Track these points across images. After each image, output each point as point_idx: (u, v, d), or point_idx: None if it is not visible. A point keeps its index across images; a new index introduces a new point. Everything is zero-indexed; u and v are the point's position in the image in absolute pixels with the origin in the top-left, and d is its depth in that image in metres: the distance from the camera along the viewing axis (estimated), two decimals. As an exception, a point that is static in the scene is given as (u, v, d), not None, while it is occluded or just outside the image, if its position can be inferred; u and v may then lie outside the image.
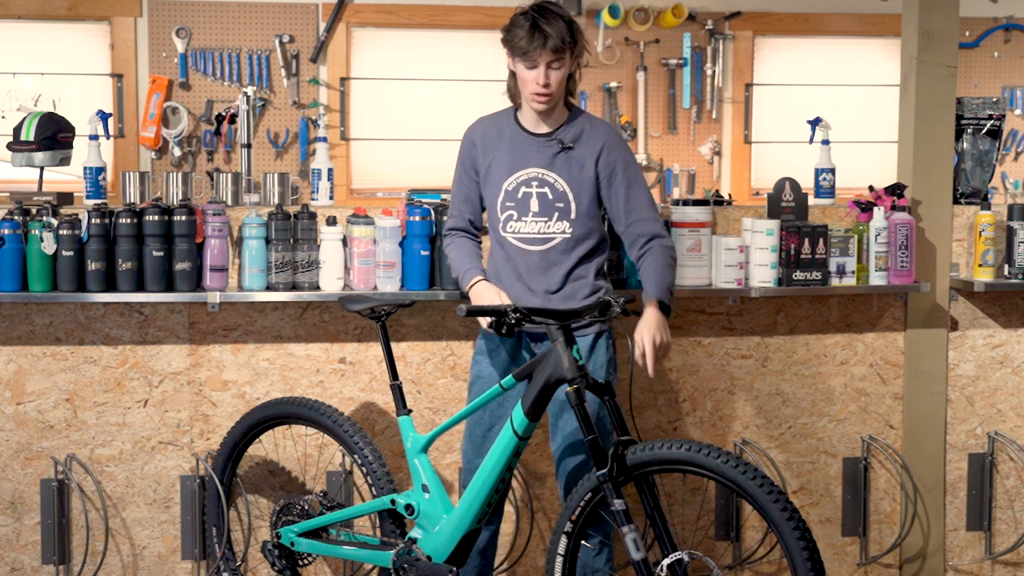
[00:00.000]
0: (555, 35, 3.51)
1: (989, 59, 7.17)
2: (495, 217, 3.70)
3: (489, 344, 3.74)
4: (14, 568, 4.13)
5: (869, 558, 4.50)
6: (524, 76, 3.59)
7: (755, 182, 7.06)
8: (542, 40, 3.51)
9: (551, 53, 3.52)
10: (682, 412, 4.37)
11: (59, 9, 6.43)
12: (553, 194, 3.64)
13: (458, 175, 3.78)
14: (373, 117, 6.71)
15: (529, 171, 3.66)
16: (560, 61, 3.55)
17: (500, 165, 3.68)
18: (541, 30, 3.51)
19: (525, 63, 3.56)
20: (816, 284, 4.23)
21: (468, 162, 3.75)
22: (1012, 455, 4.54)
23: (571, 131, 3.66)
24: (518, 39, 3.55)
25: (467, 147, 3.76)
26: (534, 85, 3.56)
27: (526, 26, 3.53)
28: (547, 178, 3.65)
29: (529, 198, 3.65)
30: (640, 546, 3.23)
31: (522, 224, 3.66)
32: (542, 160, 3.65)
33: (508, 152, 3.68)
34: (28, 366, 4.09)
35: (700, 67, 6.93)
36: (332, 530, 3.86)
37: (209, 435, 4.17)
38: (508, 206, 3.67)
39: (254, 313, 4.16)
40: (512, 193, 3.66)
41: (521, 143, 3.67)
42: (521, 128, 3.69)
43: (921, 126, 4.44)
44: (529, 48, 3.52)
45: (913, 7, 4.43)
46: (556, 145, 3.64)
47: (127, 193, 4.42)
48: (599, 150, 3.65)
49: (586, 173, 3.64)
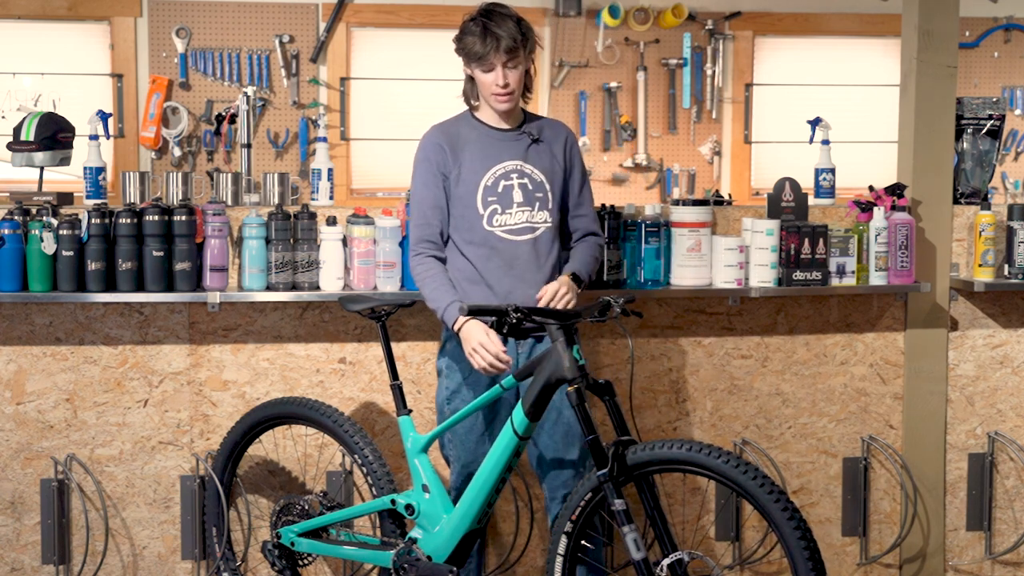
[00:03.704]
0: (507, 36, 3.59)
1: (989, 59, 7.17)
2: (474, 214, 3.66)
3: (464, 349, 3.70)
4: (14, 568, 4.13)
5: (869, 558, 4.50)
6: (483, 80, 3.66)
7: (755, 182, 7.06)
8: (495, 43, 3.59)
9: (505, 54, 3.60)
10: (682, 412, 4.37)
11: (59, 9, 6.43)
12: (532, 184, 3.70)
13: (423, 180, 3.71)
14: (373, 117, 6.71)
15: (506, 164, 3.69)
16: (515, 60, 3.63)
17: (473, 163, 3.68)
18: (492, 33, 3.59)
19: (481, 67, 3.64)
20: (816, 284, 4.23)
21: (435, 167, 3.70)
22: (1012, 455, 4.54)
23: (534, 126, 3.77)
24: (471, 45, 3.63)
25: (432, 152, 3.71)
26: (494, 87, 3.64)
27: (477, 31, 3.62)
28: (525, 169, 3.70)
29: (511, 190, 3.68)
30: (640, 546, 3.23)
31: (508, 216, 3.67)
32: (516, 153, 3.70)
33: (479, 149, 3.70)
34: (28, 366, 4.09)
35: (700, 67, 6.93)
36: (332, 530, 3.86)
37: (209, 435, 4.17)
38: (490, 201, 3.67)
39: (254, 313, 4.16)
40: (492, 188, 3.67)
41: (491, 139, 3.71)
42: (486, 126, 3.73)
43: (921, 126, 4.44)
44: (483, 52, 3.60)
45: (913, 7, 4.43)
46: (526, 138, 3.73)
47: (127, 193, 4.42)
48: (565, 141, 3.79)
49: (557, 162, 3.74)
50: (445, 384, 3.74)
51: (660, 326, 4.33)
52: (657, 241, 4.15)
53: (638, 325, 4.27)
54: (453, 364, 3.71)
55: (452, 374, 3.72)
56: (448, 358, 3.73)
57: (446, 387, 3.74)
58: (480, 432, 3.70)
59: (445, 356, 3.75)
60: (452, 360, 3.72)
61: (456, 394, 3.71)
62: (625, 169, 6.90)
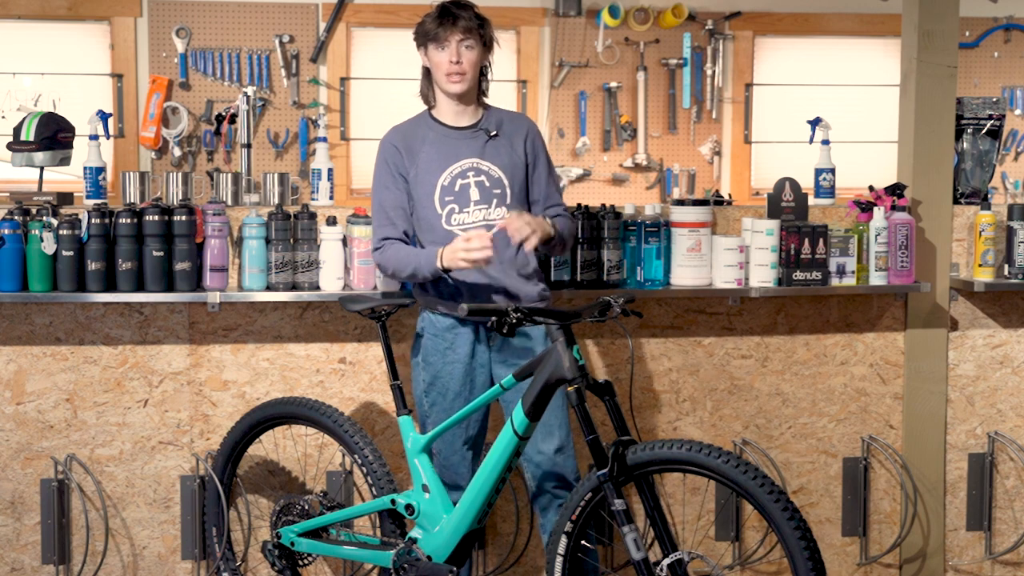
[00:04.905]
0: (465, 16, 3.66)
1: (989, 59, 7.18)
2: (433, 215, 3.68)
3: (441, 343, 3.71)
4: (14, 568, 4.13)
5: (869, 558, 4.50)
6: (437, 60, 3.69)
7: (755, 182, 7.06)
8: (451, 20, 3.66)
9: (461, 32, 3.65)
10: (682, 412, 4.37)
11: (59, 9, 6.43)
12: (489, 181, 3.70)
13: (383, 183, 3.73)
14: (373, 117, 6.71)
15: (463, 163, 3.70)
16: (470, 40, 3.67)
17: (430, 163, 3.70)
18: (450, 12, 3.67)
19: (436, 46, 3.69)
20: (816, 284, 4.23)
21: (393, 168, 3.72)
22: (1012, 455, 4.54)
23: (491, 121, 3.77)
24: (428, 25, 3.70)
25: (390, 154, 3.73)
26: (447, 65, 3.67)
27: (434, 13, 3.70)
28: (481, 167, 3.71)
29: (468, 188, 3.69)
30: (640, 546, 3.23)
31: (465, 215, 3.68)
32: (473, 150, 3.72)
33: (436, 149, 3.71)
34: (28, 366, 4.09)
35: (700, 67, 6.93)
36: (332, 530, 3.86)
37: (209, 435, 4.17)
38: (447, 200, 3.68)
39: (254, 313, 4.16)
40: (449, 187, 3.68)
41: (447, 138, 3.73)
42: (443, 125, 3.75)
43: (921, 126, 4.44)
44: (439, 30, 3.66)
45: (913, 7, 4.43)
46: (483, 135, 3.74)
47: (127, 193, 4.42)
48: (525, 134, 3.78)
49: (517, 156, 3.74)
50: (421, 376, 3.77)
51: (660, 326, 4.33)
52: (657, 241, 4.16)
53: (638, 325, 4.27)
54: (427, 357, 3.74)
55: (427, 366, 3.75)
56: (422, 352, 3.76)
57: (422, 379, 3.76)
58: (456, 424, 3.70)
59: (419, 351, 3.77)
60: (426, 354, 3.75)
61: (432, 386, 3.74)
62: (625, 169, 6.90)
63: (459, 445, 3.74)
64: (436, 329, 3.72)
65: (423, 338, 3.76)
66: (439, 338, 3.72)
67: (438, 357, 3.71)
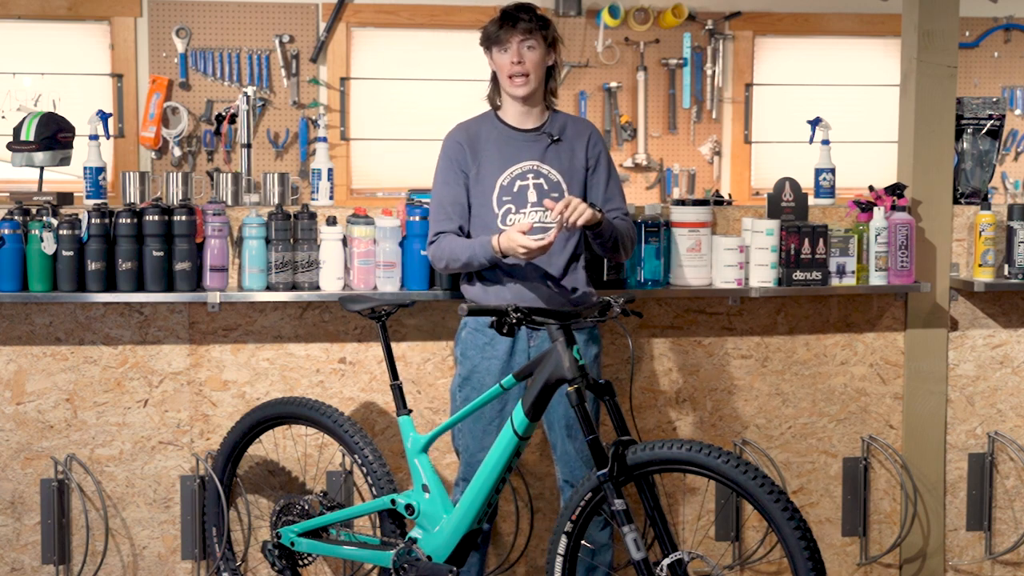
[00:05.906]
0: (525, 18, 3.70)
1: (989, 59, 7.18)
2: (490, 213, 3.72)
3: (480, 338, 3.74)
4: (14, 568, 4.13)
5: (869, 558, 4.50)
6: (501, 63, 3.72)
7: (755, 182, 7.06)
8: (511, 22, 3.69)
9: (522, 33, 3.68)
10: (682, 412, 4.37)
11: (59, 9, 6.43)
12: (548, 185, 3.72)
13: (444, 178, 3.78)
14: (373, 117, 6.71)
15: (523, 164, 3.73)
16: (532, 40, 3.70)
17: (491, 162, 3.73)
18: (510, 15, 3.71)
19: (499, 48, 3.72)
20: (816, 284, 4.23)
21: (456, 164, 3.76)
22: (1012, 455, 4.54)
23: (555, 126, 3.79)
24: (490, 28, 3.74)
25: (454, 149, 3.77)
26: (510, 66, 3.70)
27: (496, 18, 3.73)
28: (541, 170, 3.73)
29: (526, 190, 3.71)
30: (640, 546, 3.23)
31: (521, 216, 3.70)
32: (534, 153, 3.74)
33: (498, 149, 3.74)
34: (28, 366, 4.09)
35: (700, 67, 6.93)
36: (332, 530, 3.86)
37: (209, 435, 4.17)
38: (505, 200, 3.71)
39: (254, 313, 4.16)
40: (508, 187, 3.71)
41: (510, 139, 3.75)
42: (507, 126, 3.77)
43: (921, 126, 4.44)
44: (500, 32, 3.69)
45: (913, 7, 4.43)
46: (546, 138, 3.76)
47: (127, 193, 4.42)
48: (587, 139, 3.80)
49: (577, 162, 3.76)
50: (459, 371, 3.80)
51: (660, 326, 4.33)
52: (657, 241, 4.15)
53: (638, 325, 4.27)
54: (466, 351, 3.76)
55: (464, 361, 3.77)
56: (461, 346, 3.78)
57: (459, 374, 3.79)
58: (487, 422, 3.71)
59: (459, 344, 3.80)
60: (465, 348, 3.77)
61: (467, 381, 3.75)
62: (625, 169, 6.90)
63: (488, 442, 3.70)
64: (478, 323, 3.73)
65: (464, 331, 3.78)
66: (480, 333, 3.74)
67: (476, 352, 3.73)
